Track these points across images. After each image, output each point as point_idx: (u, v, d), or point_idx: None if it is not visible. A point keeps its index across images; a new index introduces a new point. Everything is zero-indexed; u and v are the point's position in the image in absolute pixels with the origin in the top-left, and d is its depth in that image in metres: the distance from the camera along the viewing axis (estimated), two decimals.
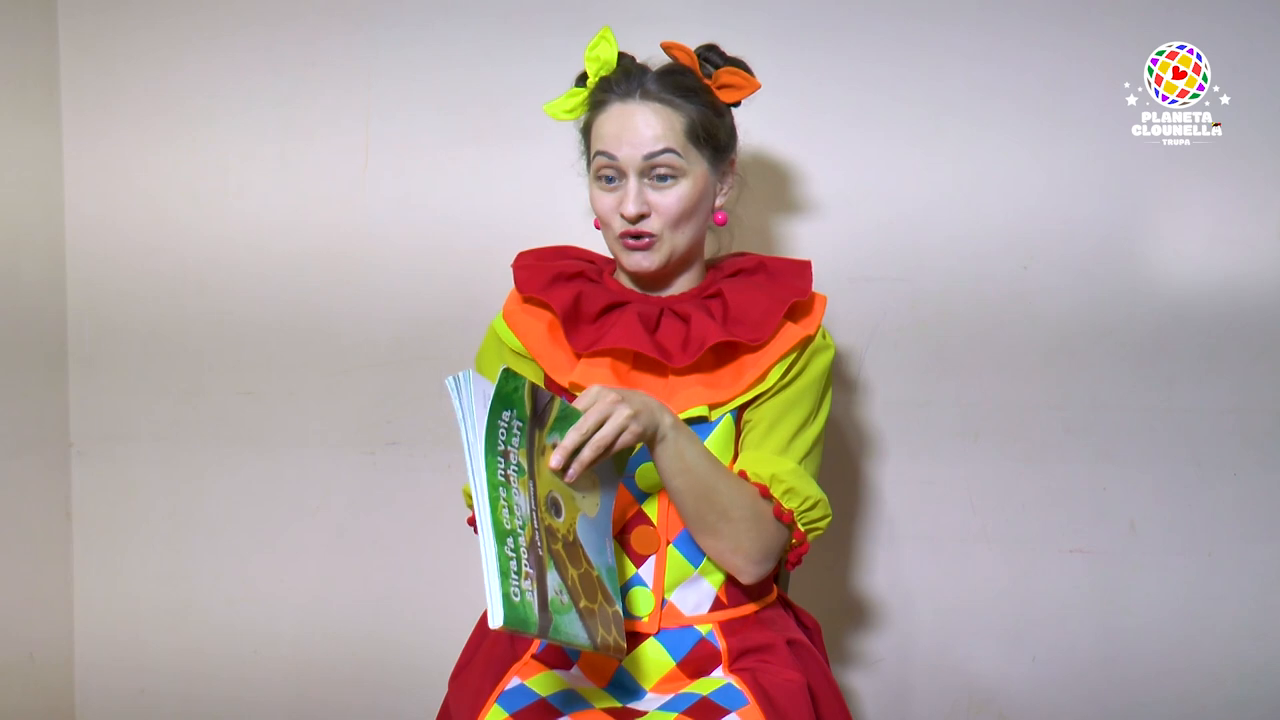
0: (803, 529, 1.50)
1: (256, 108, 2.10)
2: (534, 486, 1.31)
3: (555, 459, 1.33)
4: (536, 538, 1.28)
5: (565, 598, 1.29)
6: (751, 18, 1.97)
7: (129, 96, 2.13)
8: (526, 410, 1.31)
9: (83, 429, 2.18)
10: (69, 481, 2.19)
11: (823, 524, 1.51)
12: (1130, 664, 1.98)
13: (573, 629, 1.28)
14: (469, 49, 2.04)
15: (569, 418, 1.35)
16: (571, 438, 1.34)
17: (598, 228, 1.59)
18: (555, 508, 1.34)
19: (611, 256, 1.63)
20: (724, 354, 1.54)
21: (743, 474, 1.50)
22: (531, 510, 1.29)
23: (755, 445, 1.52)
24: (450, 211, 2.06)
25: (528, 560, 1.25)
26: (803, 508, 1.49)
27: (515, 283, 1.62)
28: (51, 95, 2.14)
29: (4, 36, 2.04)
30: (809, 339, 1.55)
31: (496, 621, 1.19)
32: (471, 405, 1.27)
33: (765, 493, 1.48)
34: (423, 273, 2.07)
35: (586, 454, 1.34)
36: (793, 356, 1.53)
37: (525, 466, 1.30)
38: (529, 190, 2.03)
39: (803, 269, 1.60)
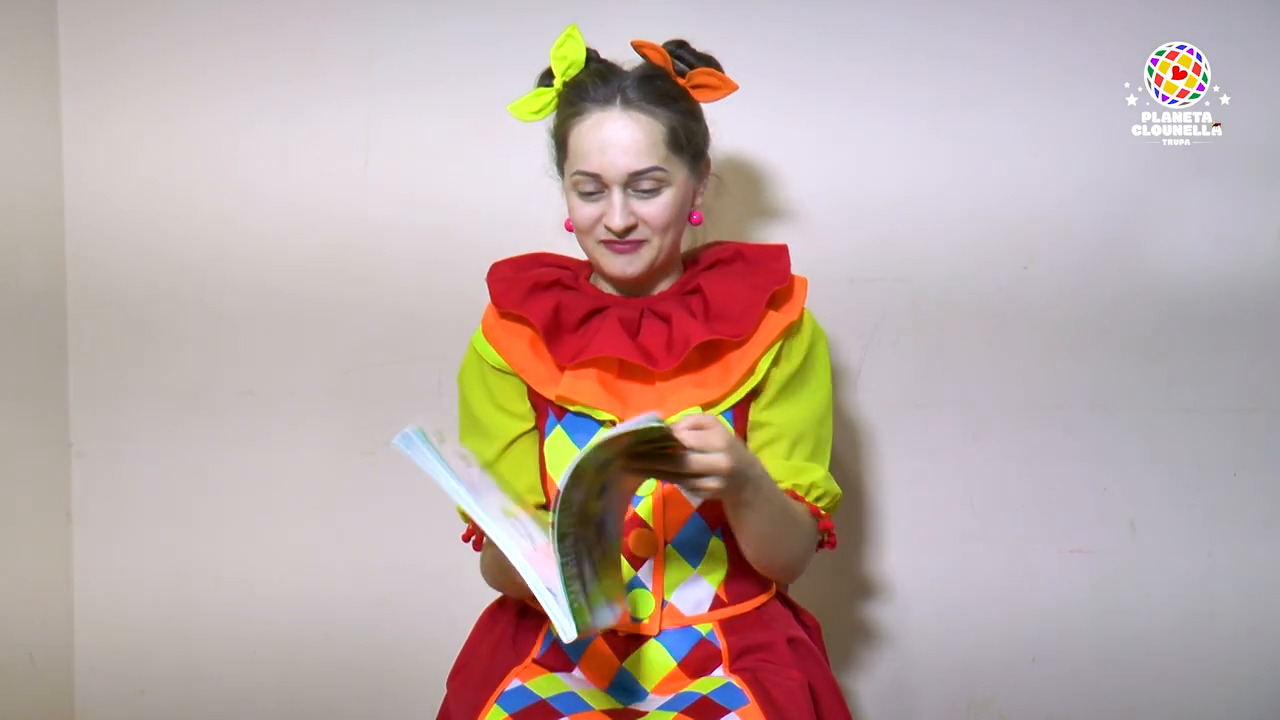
0: (831, 523, 1.56)
1: (257, 107, 2.09)
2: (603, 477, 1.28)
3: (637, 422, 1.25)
4: (579, 529, 1.26)
5: (595, 585, 1.29)
6: (754, 12, 1.97)
7: (129, 96, 2.12)
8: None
9: (83, 429, 2.18)
10: (69, 481, 2.19)
11: (835, 508, 1.57)
12: (1130, 664, 1.98)
13: (603, 615, 1.30)
14: (469, 49, 2.03)
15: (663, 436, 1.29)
16: (692, 439, 1.28)
17: (569, 230, 1.58)
18: (605, 491, 1.31)
19: (586, 259, 1.62)
20: (709, 352, 1.53)
21: (791, 492, 1.50)
22: (583, 499, 1.26)
23: (785, 455, 1.52)
24: (451, 210, 2.05)
25: (572, 560, 1.24)
26: (830, 505, 1.54)
27: (491, 297, 1.61)
28: (51, 94, 2.13)
29: (3, 34, 2.04)
30: (793, 324, 1.54)
31: (570, 635, 1.21)
32: (432, 457, 1.25)
33: (815, 510, 1.52)
34: (423, 272, 2.06)
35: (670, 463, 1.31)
36: (778, 345, 1.53)
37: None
38: (529, 189, 2.02)
39: (779, 254, 1.58)
